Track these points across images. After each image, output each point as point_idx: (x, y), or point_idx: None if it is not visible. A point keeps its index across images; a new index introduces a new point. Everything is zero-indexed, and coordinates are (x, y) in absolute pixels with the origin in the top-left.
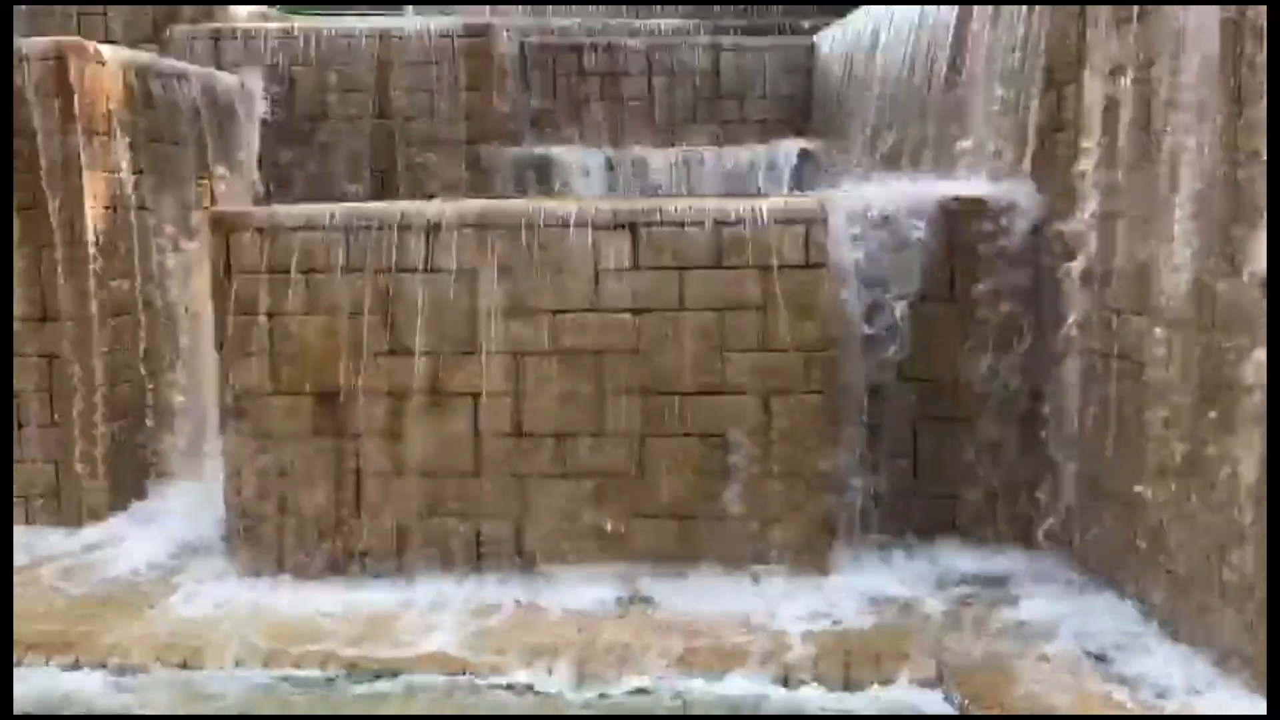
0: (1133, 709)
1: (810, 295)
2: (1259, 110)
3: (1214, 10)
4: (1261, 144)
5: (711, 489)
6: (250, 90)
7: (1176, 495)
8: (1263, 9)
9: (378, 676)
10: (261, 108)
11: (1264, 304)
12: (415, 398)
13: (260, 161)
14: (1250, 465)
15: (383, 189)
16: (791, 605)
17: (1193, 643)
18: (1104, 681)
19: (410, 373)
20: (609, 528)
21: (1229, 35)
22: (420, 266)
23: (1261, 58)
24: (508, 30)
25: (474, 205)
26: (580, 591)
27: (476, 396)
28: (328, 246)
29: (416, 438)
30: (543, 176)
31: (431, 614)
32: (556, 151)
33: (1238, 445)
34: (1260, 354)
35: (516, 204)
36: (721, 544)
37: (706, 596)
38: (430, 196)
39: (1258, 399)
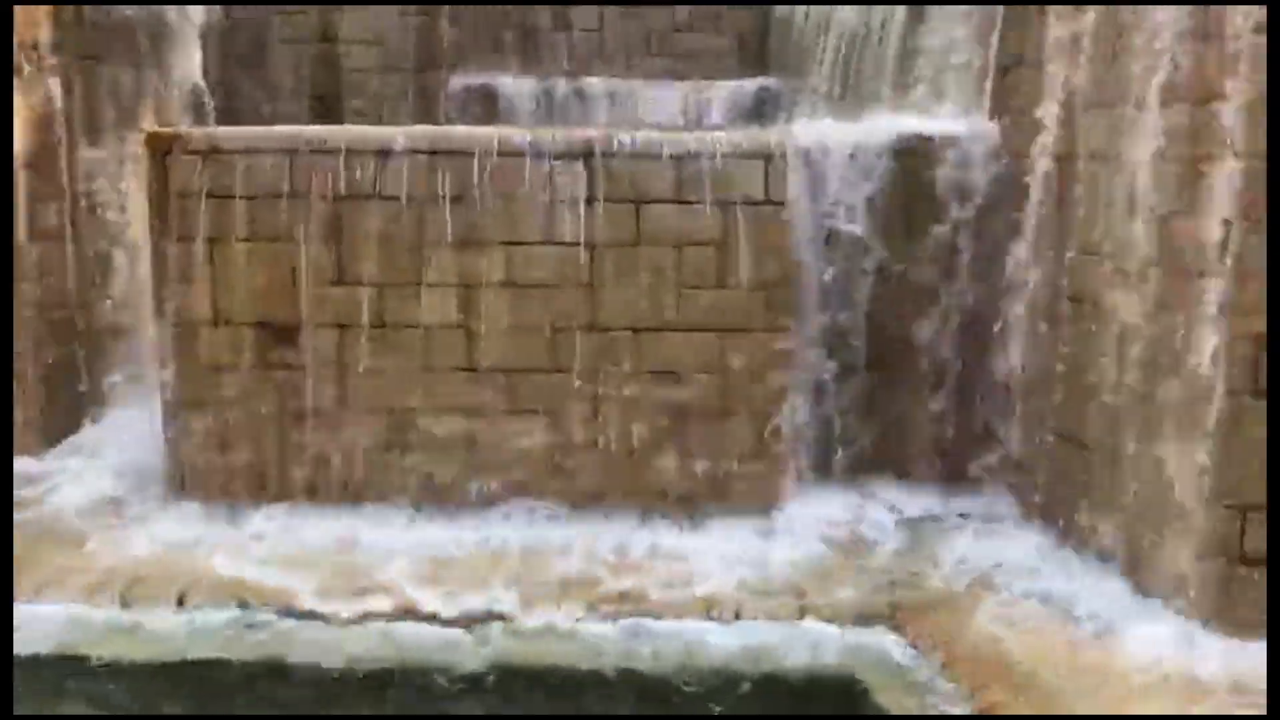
0: (1081, 640)
1: (769, 232)
2: (1228, 47)
3: None
4: (1230, 83)
5: (666, 426)
6: (187, 9)
7: (1125, 435)
8: None
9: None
10: (198, 27)
11: (1223, 244)
12: (363, 330)
13: (201, 85)
14: (1205, 412)
15: (326, 115)
16: (743, 542)
17: (1138, 578)
18: (1051, 618)
19: (358, 304)
20: (561, 464)
21: None
22: (369, 193)
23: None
24: None
25: (426, 131)
26: (537, 529)
27: (427, 329)
28: (272, 170)
29: (364, 371)
30: (489, 106)
31: (382, 557)
32: (504, 81)
33: (1194, 390)
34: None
35: (469, 131)
36: (675, 481)
37: (652, 534)
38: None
39: (1219, 342)
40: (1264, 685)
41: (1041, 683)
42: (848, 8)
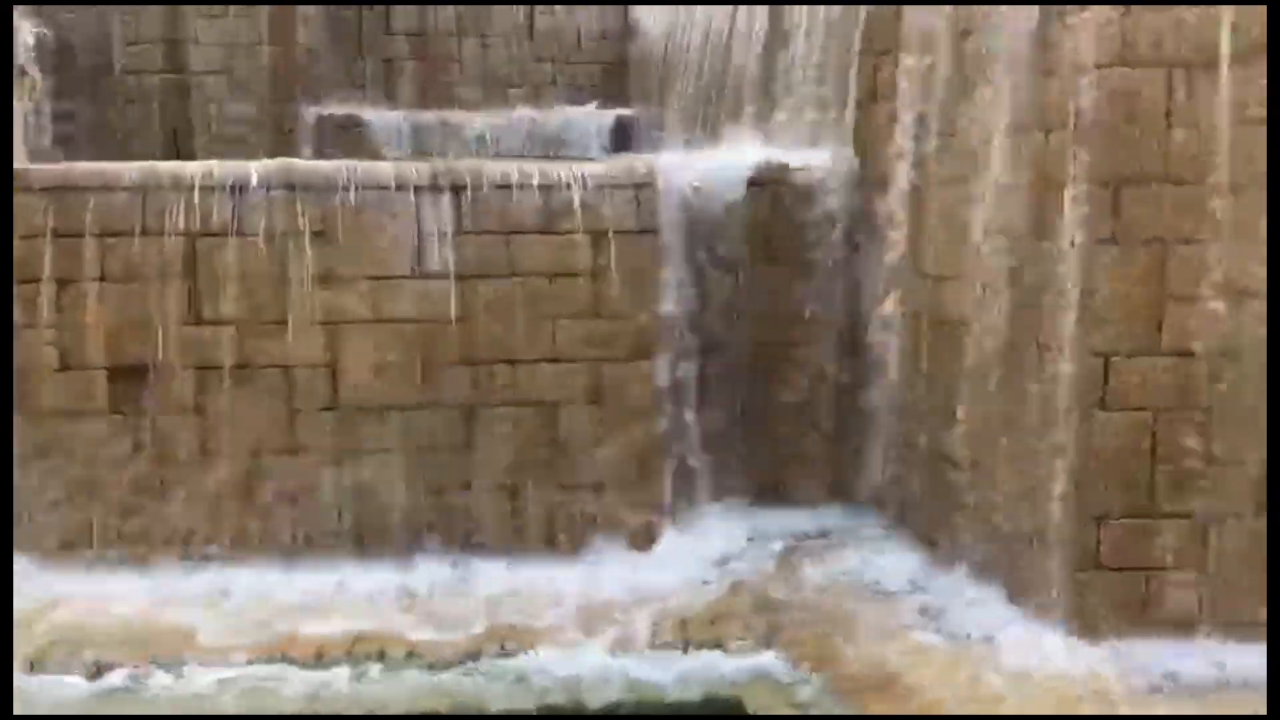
0: (958, 650)
1: (641, 261)
2: (1066, 81)
3: None
4: (1068, 113)
5: (543, 459)
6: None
7: (990, 451)
8: None
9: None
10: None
11: (1075, 263)
12: (224, 372)
13: (38, 118)
14: (1059, 423)
15: (178, 149)
16: (624, 572)
17: (1010, 589)
18: (929, 631)
19: (218, 345)
20: (438, 501)
21: (1040, 7)
22: (227, 230)
23: (1068, 35)
24: None
25: (284, 165)
26: (412, 567)
27: (290, 369)
28: (124, 208)
29: (225, 415)
30: (350, 138)
31: (248, 604)
32: (366, 113)
33: (1047, 403)
34: (1066, 310)
35: (330, 164)
36: (554, 514)
37: (531, 568)
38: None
39: (1069, 359)
40: (1125, 685)
41: (922, 693)
42: (709, 40)
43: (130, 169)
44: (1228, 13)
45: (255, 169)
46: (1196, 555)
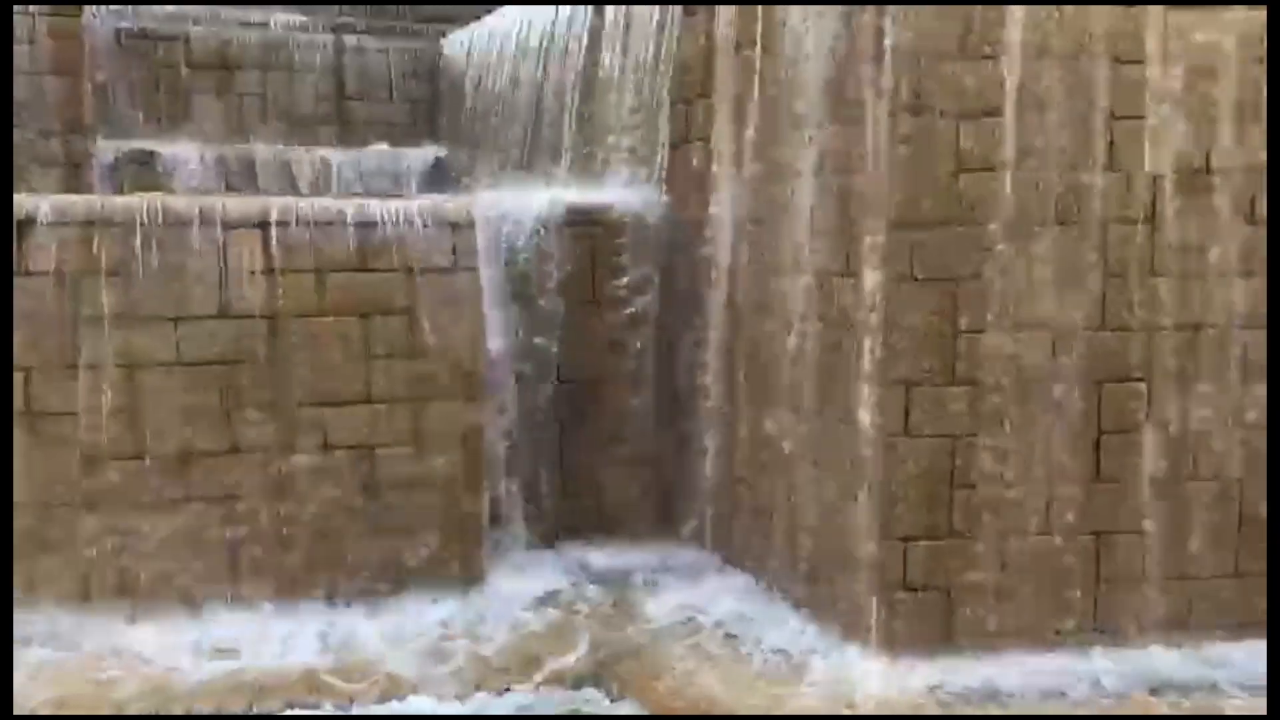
0: (772, 674)
1: (458, 299)
2: (863, 127)
3: (828, 34)
4: (868, 158)
5: (358, 504)
6: None
7: (801, 482)
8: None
9: None
10: None
11: (872, 300)
12: (10, 419)
13: None
14: (865, 450)
15: None
16: (444, 614)
17: (822, 613)
18: (746, 658)
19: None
20: (244, 553)
21: (840, 58)
22: (12, 270)
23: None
24: (96, 12)
25: (75, 200)
26: (225, 625)
27: (84, 415)
28: None
29: (13, 463)
30: (147, 173)
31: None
32: (163, 146)
33: (855, 434)
34: (869, 343)
35: (127, 200)
36: (372, 560)
37: (349, 615)
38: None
39: (872, 389)
40: (936, 701)
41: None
42: (524, 75)
43: None
44: (1014, 71)
45: (43, 204)
46: (994, 574)
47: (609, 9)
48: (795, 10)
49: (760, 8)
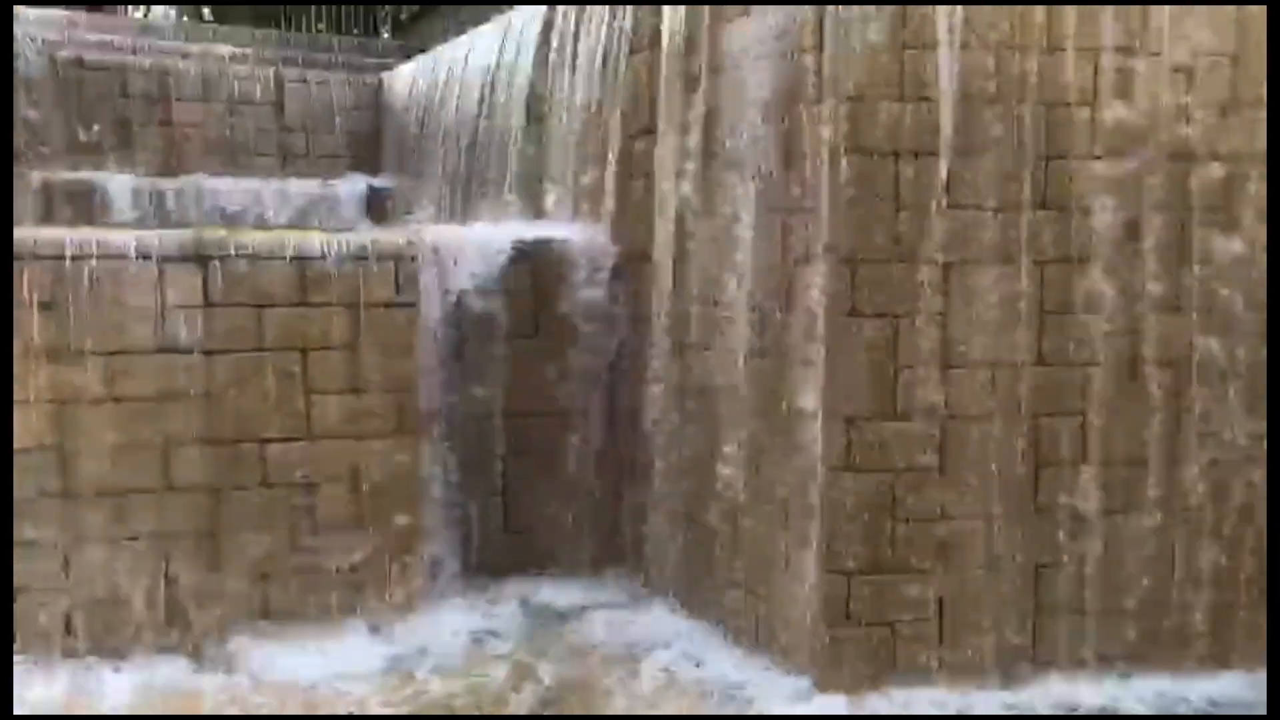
0: (708, 708)
1: (401, 335)
2: (809, 166)
3: (769, 73)
4: (807, 195)
5: (297, 542)
6: None
7: (745, 514)
8: None
9: None
10: None
11: (821, 333)
12: None
13: None
14: (808, 484)
15: None
16: (380, 649)
17: (763, 647)
18: (683, 691)
19: None
20: (178, 595)
21: (781, 97)
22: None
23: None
24: (32, 40)
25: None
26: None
27: (13, 453)
28: None
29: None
30: (83, 205)
31: None
32: (98, 177)
33: (797, 468)
34: (813, 378)
35: (57, 232)
36: (305, 598)
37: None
38: None
39: (813, 424)
40: None
41: None
42: (466, 110)
43: None
44: (948, 112)
45: None
46: (935, 607)
47: (554, 43)
48: (737, 48)
49: (705, 45)
